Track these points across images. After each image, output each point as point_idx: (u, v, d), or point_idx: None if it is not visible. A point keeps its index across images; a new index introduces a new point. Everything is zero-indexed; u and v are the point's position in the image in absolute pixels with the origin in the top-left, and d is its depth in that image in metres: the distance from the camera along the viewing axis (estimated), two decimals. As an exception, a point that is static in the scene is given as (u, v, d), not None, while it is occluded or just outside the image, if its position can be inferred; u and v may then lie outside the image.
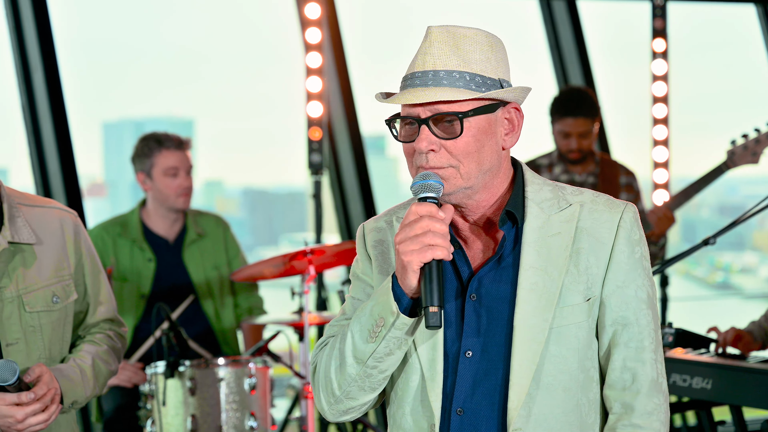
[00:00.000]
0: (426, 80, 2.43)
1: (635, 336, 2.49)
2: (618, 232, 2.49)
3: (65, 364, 3.27)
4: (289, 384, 6.13)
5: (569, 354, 2.46)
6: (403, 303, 2.42)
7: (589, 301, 2.47)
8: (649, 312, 2.50)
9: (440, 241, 2.36)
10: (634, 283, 2.49)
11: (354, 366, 2.50)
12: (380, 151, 15.91)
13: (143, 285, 5.33)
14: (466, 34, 2.46)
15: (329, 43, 7.25)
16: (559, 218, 2.50)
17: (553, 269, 2.47)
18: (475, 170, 2.46)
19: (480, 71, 2.45)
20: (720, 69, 19.56)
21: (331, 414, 2.60)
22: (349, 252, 5.19)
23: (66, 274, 3.31)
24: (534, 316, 2.45)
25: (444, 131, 2.43)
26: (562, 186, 2.58)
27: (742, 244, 18.37)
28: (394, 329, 2.43)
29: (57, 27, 6.58)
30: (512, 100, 2.49)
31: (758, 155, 5.75)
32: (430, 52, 2.45)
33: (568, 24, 8.08)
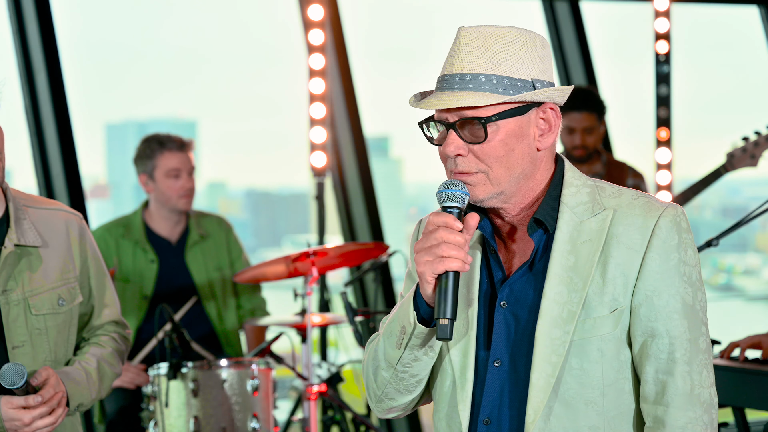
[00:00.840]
0: (453, 84, 2.39)
1: (665, 347, 2.40)
2: (651, 239, 2.40)
3: (71, 367, 3.28)
4: (291, 385, 6.13)
5: (591, 367, 2.40)
6: (423, 312, 2.41)
7: (615, 313, 2.40)
8: (683, 321, 2.40)
9: (455, 253, 2.33)
10: (667, 291, 2.40)
11: (386, 370, 2.51)
12: (383, 152, 15.91)
13: (146, 286, 5.33)
14: (499, 33, 2.41)
15: (332, 45, 7.25)
16: (590, 224, 2.43)
17: (579, 279, 2.40)
18: (505, 175, 2.41)
19: (509, 72, 2.39)
20: (723, 70, 19.57)
21: (376, 411, 2.61)
22: (352, 253, 5.20)
23: (71, 276, 3.31)
24: (556, 327, 2.40)
25: (471, 135, 2.39)
26: (601, 187, 2.49)
27: (745, 245, 18.35)
28: (414, 338, 2.42)
29: (60, 29, 6.59)
30: (544, 101, 2.43)
31: (757, 158, 5.74)
32: (458, 55, 2.40)
33: (571, 25, 8.08)
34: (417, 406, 2.63)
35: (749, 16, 8.91)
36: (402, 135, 16.07)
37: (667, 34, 7.73)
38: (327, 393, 5.07)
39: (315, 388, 4.94)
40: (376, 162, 7.61)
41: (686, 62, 8.81)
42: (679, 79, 7.89)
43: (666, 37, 7.73)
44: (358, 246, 5.33)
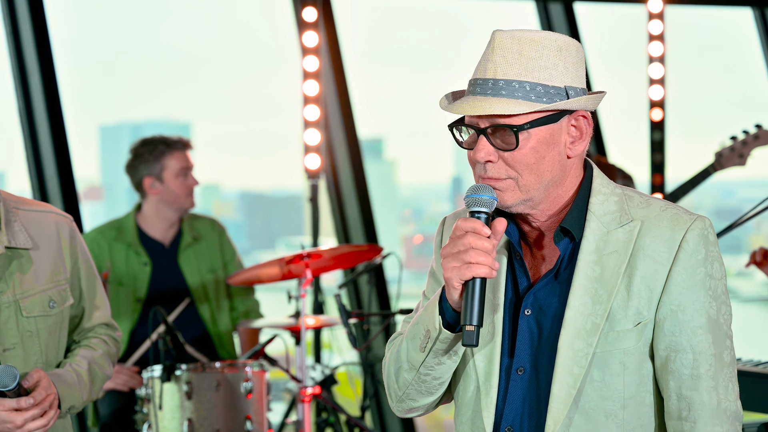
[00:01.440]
0: (485, 89, 2.36)
1: (689, 363, 2.38)
2: (678, 253, 2.38)
3: (62, 369, 3.27)
4: (285, 388, 6.12)
5: (613, 380, 2.38)
6: (448, 316, 2.39)
7: (639, 326, 2.38)
8: (708, 336, 2.38)
9: (482, 259, 2.30)
10: (692, 306, 2.38)
11: (409, 371, 2.49)
12: (377, 154, 15.91)
13: (139, 289, 5.33)
14: (534, 38, 2.38)
15: (326, 47, 7.25)
16: (617, 235, 2.40)
17: (604, 291, 2.38)
18: (534, 182, 2.38)
19: (543, 80, 2.36)
20: (717, 72, 19.61)
21: (397, 410, 2.60)
22: (346, 255, 5.20)
23: (62, 278, 3.30)
24: (579, 339, 2.38)
25: (502, 141, 2.36)
26: (630, 196, 2.46)
27: (739, 247, 18.36)
28: (439, 342, 2.40)
29: (54, 30, 6.58)
30: (576, 109, 2.40)
31: (745, 157, 5.74)
32: (491, 59, 2.37)
33: (565, 27, 8.09)
34: (437, 406, 2.62)
35: (743, 17, 8.92)
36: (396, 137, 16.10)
37: (661, 35, 7.73)
38: (321, 395, 5.07)
39: (309, 390, 4.94)
40: (370, 164, 7.61)
41: (681, 64, 8.82)
42: (673, 80, 7.90)
43: (660, 38, 7.73)
44: (352, 248, 5.33)
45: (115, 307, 5.26)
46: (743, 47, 9.27)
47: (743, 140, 5.72)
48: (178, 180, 5.34)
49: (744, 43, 9.09)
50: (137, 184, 5.39)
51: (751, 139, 5.71)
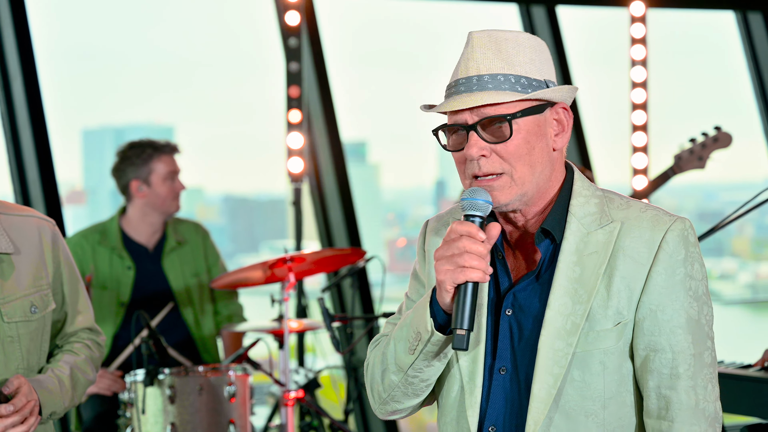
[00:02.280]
0: (471, 86, 2.40)
1: (668, 363, 2.39)
2: (658, 253, 2.40)
3: (44, 375, 3.25)
4: (268, 391, 6.12)
5: (593, 380, 2.40)
6: (439, 318, 2.40)
7: (618, 326, 2.39)
8: (688, 336, 2.39)
9: (476, 263, 2.32)
10: (671, 306, 2.39)
11: (396, 373, 2.49)
12: (361, 157, 15.91)
13: (122, 293, 5.32)
14: (508, 37, 2.43)
15: (309, 50, 7.25)
16: (597, 236, 2.43)
17: (583, 291, 2.40)
18: (528, 174, 2.41)
19: (525, 73, 2.41)
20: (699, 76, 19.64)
21: (379, 413, 2.60)
22: (329, 259, 5.19)
23: (44, 283, 3.29)
24: (559, 339, 2.39)
25: (493, 135, 2.39)
26: (610, 198, 2.49)
27: (721, 250, 18.42)
28: (430, 344, 2.41)
29: (36, 34, 6.56)
30: (559, 100, 2.45)
31: (704, 160, 5.68)
32: (473, 58, 2.41)
33: (547, 31, 8.10)
34: (420, 408, 2.63)
35: (725, 21, 8.95)
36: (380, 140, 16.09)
37: (643, 39, 7.75)
38: (304, 399, 5.07)
39: (292, 394, 4.94)
40: (354, 167, 7.61)
41: (663, 67, 8.84)
42: (655, 84, 7.92)
43: (642, 41, 7.75)
44: (336, 252, 5.33)
45: (98, 311, 5.25)
46: (726, 51, 9.30)
47: (702, 143, 5.66)
48: (165, 184, 5.34)
49: (726, 47, 9.12)
50: (123, 187, 5.38)
51: (711, 141, 5.65)
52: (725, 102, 17.09)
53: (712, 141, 5.64)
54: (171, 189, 5.35)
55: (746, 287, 18.68)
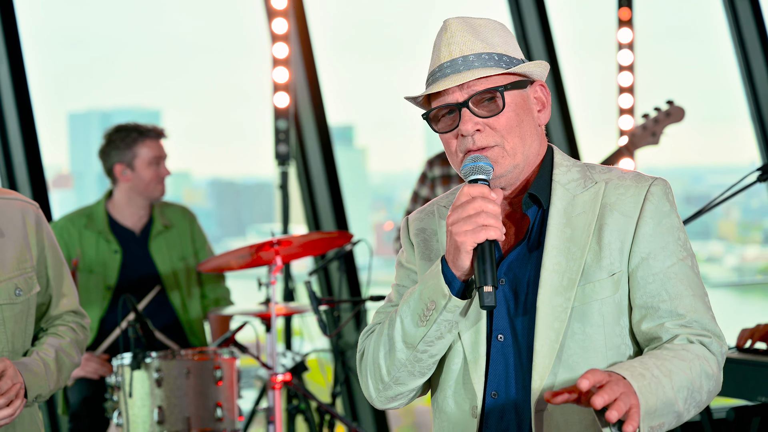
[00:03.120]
0: (457, 67, 2.49)
1: (667, 307, 2.46)
2: (644, 204, 2.49)
3: (29, 358, 3.25)
4: (256, 375, 6.12)
5: (593, 331, 2.46)
6: (454, 286, 2.43)
7: (614, 276, 2.47)
8: (683, 279, 2.47)
9: (493, 222, 2.38)
10: (662, 253, 2.47)
11: (404, 351, 2.51)
12: (348, 141, 15.89)
13: (109, 276, 5.31)
14: (481, 22, 2.53)
15: (296, 34, 7.24)
16: (583, 197, 2.52)
17: (576, 248, 2.48)
18: (520, 145, 2.50)
19: (504, 52, 2.51)
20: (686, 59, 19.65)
21: (379, 400, 2.62)
22: (316, 242, 5.19)
23: (28, 266, 3.28)
24: (557, 295, 2.46)
25: (485, 110, 2.48)
26: (591, 166, 2.59)
27: (708, 233, 18.45)
28: (446, 312, 2.44)
29: (22, 17, 6.54)
30: (538, 76, 2.55)
31: (658, 135, 5.60)
32: (454, 42, 2.50)
33: (534, 14, 8.09)
34: (418, 396, 2.66)
35: (712, 5, 8.95)
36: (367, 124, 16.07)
37: (629, 22, 7.75)
38: (291, 382, 5.07)
39: (279, 377, 4.94)
40: (341, 151, 7.60)
41: (650, 50, 8.84)
42: (642, 67, 7.91)
43: (629, 25, 7.75)
44: (323, 235, 5.33)
45: (85, 294, 5.24)
46: (712, 34, 9.30)
47: (655, 118, 5.59)
48: (149, 168, 5.33)
49: (713, 30, 9.13)
50: (108, 170, 5.37)
51: (663, 116, 5.57)
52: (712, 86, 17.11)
53: (664, 116, 5.56)
54: (155, 174, 5.34)
55: (732, 270, 18.73)
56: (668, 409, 2.34)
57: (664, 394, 2.32)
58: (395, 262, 2.73)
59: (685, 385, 2.37)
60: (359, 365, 2.63)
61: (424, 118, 2.55)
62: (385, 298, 2.73)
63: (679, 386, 2.36)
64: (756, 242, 19.28)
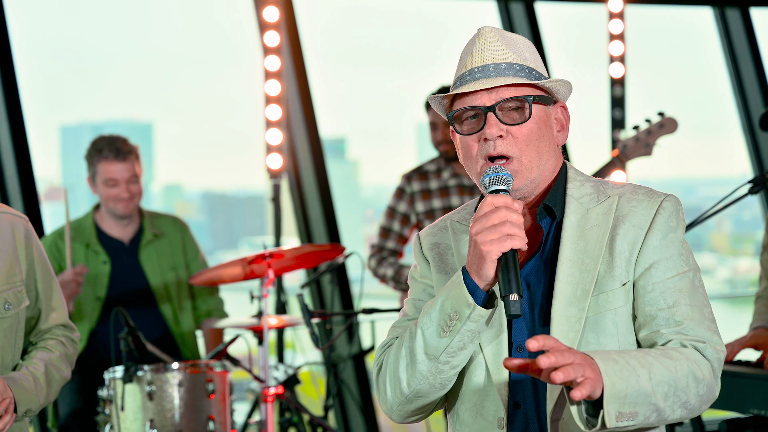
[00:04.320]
0: (488, 72, 2.54)
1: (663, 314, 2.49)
2: (655, 217, 2.53)
3: (18, 372, 3.23)
4: (248, 388, 6.11)
5: (607, 341, 2.49)
6: (478, 296, 2.46)
7: (625, 286, 2.51)
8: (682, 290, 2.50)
9: (517, 231, 2.40)
10: (664, 264, 2.51)
11: (425, 363, 2.52)
12: (340, 154, 15.88)
13: (99, 288, 5.30)
14: (514, 37, 2.60)
15: (288, 46, 7.24)
16: (597, 211, 2.57)
17: (590, 260, 2.52)
18: (536, 159, 2.54)
19: (533, 66, 2.57)
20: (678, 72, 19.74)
21: (398, 414, 2.62)
22: (308, 255, 5.19)
23: (17, 280, 3.27)
24: (571, 306, 2.49)
25: (510, 117, 2.53)
26: (604, 181, 2.64)
27: (700, 245, 18.49)
28: (470, 321, 2.46)
29: (14, 30, 6.54)
30: (562, 96, 2.61)
31: (651, 147, 5.62)
32: (488, 48, 2.55)
33: (526, 26, 8.11)
34: (437, 409, 2.67)
35: (703, 17, 8.98)
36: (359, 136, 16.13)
37: (621, 35, 7.77)
38: (284, 395, 5.06)
39: (272, 390, 4.93)
40: (333, 164, 7.61)
41: (641, 63, 8.87)
42: (633, 80, 7.93)
43: (620, 38, 7.77)
44: (315, 248, 5.32)
45: (75, 306, 5.23)
46: (703, 46, 9.32)
47: (647, 129, 5.61)
48: (104, 187, 5.30)
49: (704, 43, 9.15)
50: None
51: (656, 128, 5.59)
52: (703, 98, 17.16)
53: (657, 127, 5.57)
54: (110, 194, 5.29)
55: (724, 282, 18.74)
56: (643, 399, 2.34)
57: (638, 383, 2.33)
58: (408, 279, 2.75)
59: (665, 380, 2.38)
60: (377, 380, 2.62)
61: (449, 118, 2.59)
62: (377, 310, 2.76)
63: (659, 380, 2.37)
64: (748, 254, 19.28)
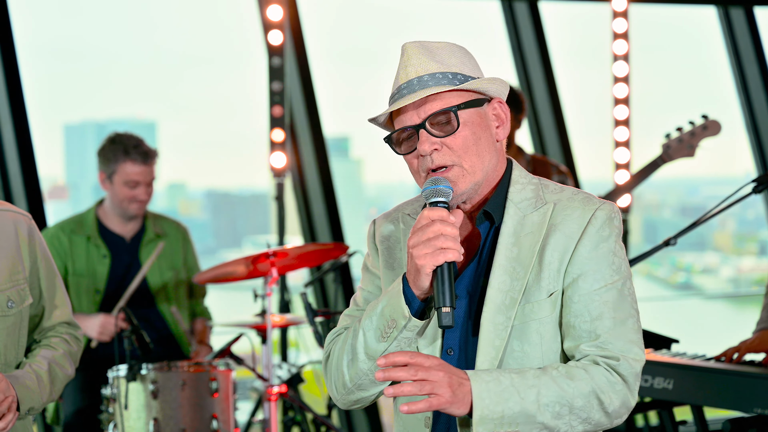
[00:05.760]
0: (412, 88, 2.58)
1: (585, 326, 2.52)
2: (586, 227, 2.55)
3: (21, 371, 3.23)
4: (252, 386, 6.12)
5: (531, 350, 2.53)
6: (414, 306, 2.53)
7: (552, 296, 2.54)
8: (607, 303, 2.52)
9: (452, 244, 2.45)
10: (592, 276, 2.53)
11: (366, 362, 2.60)
12: (343, 152, 15.89)
13: (98, 281, 5.32)
14: (438, 45, 2.62)
15: (291, 45, 7.24)
16: (533, 218, 2.59)
17: (521, 268, 2.55)
18: (478, 162, 2.58)
19: (459, 71, 2.59)
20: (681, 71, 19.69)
21: (341, 403, 2.71)
22: (312, 254, 5.19)
23: (21, 278, 3.26)
24: (499, 314, 2.53)
25: (441, 130, 2.57)
26: (545, 184, 2.67)
27: (704, 244, 18.48)
28: (406, 331, 2.54)
29: (18, 29, 6.54)
30: (494, 93, 2.63)
31: (694, 148, 5.71)
32: (410, 64, 2.59)
33: (530, 26, 8.11)
34: (377, 399, 2.74)
35: (707, 15, 8.97)
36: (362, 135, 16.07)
37: (625, 34, 7.77)
38: (287, 394, 5.07)
39: (275, 389, 4.93)
40: (336, 162, 7.61)
41: (645, 62, 8.86)
42: (637, 78, 7.93)
43: (624, 36, 7.77)
44: (318, 246, 5.33)
45: (75, 299, 5.26)
46: (707, 45, 9.32)
47: (691, 131, 5.69)
48: (124, 188, 5.32)
49: (708, 41, 9.14)
50: (97, 176, 5.43)
51: (700, 129, 5.68)
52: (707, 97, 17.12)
53: (701, 129, 5.67)
54: (128, 194, 5.33)
55: (728, 281, 18.74)
56: (525, 419, 2.43)
57: (520, 404, 2.42)
58: (362, 266, 2.83)
59: (557, 400, 2.44)
60: (324, 366, 2.72)
61: (386, 141, 2.65)
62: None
63: (550, 401, 2.44)
64: (752, 253, 19.29)
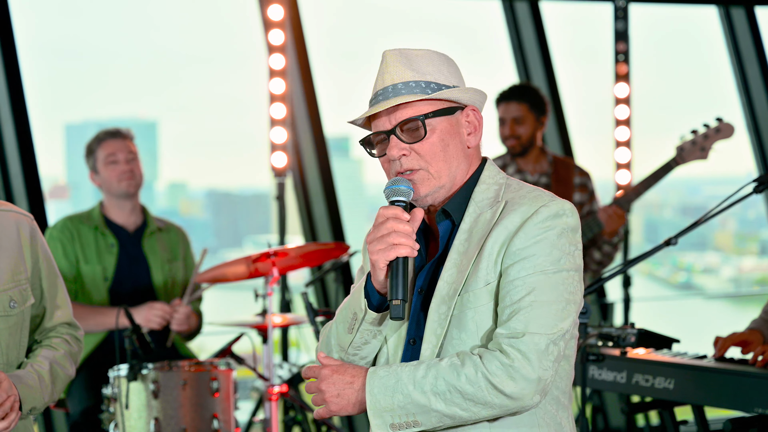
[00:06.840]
0: (387, 95, 2.70)
1: (507, 311, 2.58)
2: (526, 221, 2.62)
3: (23, 371, 3.23)
4: (252, 386, 6.12)
5: (467, 338, 2.64)
6: (373, 299, 2.69)
7: (489, 286, 2.63)
8: (523, 290, 2.58)
9: (404, 240, 2.60)
10: (522, 264, 2.59)
11: (338, 353, 2.79)
12: (344, 152, 15.89)
13: (108, 269, 5.36)
14: (418, 53, 2.73)
15: (292, 45, 7.24)
16: (486, 215, 2.69)
17: (466, 261, 2.66)
18: (445, 168, 2.70)
19: (434, 79, 2.71)
20: (682, 70, 19.71)
21: None
22: (313, 254, 5.19)
23: (23, 278, 3.27)
24: (442, 304, 2.66)
25: (410, 136, 2.69)
26: (509, 184, 2.76)
27: (704, 244, 18.49)
28: (365, 322, 2.71)
29: (19, 29, 6.54)
30: (467, 102, 2.74)
31: (707, 150, 5.74)
32: (387, 71, 2.72)
33: (531, 25, 8.10)
34: None
35: (708, 15, 8.97)
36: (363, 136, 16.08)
37: (626, 33, 7.76)
38: (288, 393, 5.07)
39: (276, 388, 4.93)
40: (337, 162, 7.61)
41: (645, 61, 8.86)
42: (638, 78, 7.93)
43: (625, 36, 7.76)
44: (319, 246, 5.33)
45: (83, 286, 5.29)
46: (708, 44, 9.31)
47: (705, 134, 5.72)
48: (107, 167, 5.45)
49: (709, 41, 9.14)
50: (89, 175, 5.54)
51: (713, 132, 5.71)
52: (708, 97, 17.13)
53: (714, 131, 5.70)
54: (114, 171, 5.44)
55: (729, 281, 18.75)
56: (419, 409, 2.57)
57: (408, 396, 2.57)
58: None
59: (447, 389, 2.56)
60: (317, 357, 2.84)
61: (361, 143, 2.77)
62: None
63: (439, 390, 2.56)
64: (753, 253, 19.30)
